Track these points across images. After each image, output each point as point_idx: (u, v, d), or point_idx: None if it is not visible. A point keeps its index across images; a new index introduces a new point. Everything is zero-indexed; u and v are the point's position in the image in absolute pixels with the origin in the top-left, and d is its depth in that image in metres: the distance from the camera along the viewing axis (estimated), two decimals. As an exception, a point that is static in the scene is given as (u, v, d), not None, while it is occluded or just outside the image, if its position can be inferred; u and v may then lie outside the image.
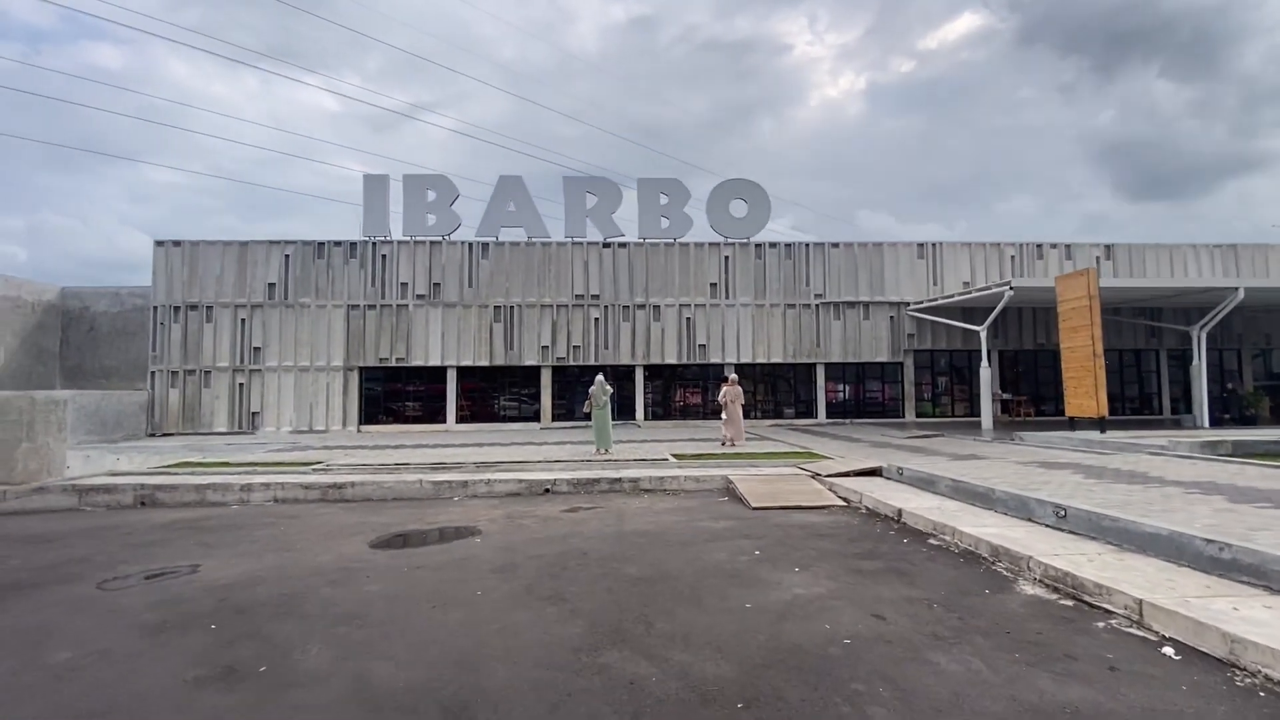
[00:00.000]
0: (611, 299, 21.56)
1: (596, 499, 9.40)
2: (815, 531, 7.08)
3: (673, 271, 21.77)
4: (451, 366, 21.08)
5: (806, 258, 22.23)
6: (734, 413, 14.90)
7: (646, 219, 21.56)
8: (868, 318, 22.21)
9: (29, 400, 10.92)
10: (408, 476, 10.28)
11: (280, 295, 20.90)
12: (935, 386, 22.88)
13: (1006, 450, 12.20)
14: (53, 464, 10.76)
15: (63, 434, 11.14)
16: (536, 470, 10.88)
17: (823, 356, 22.05)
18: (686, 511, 8.40)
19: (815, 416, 22.10)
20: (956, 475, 8.46)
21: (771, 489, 9.28)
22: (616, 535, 7.05)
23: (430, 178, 21.37)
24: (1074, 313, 13.36)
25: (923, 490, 8.53)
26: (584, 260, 21.57)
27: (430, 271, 21.20)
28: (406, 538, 7.26)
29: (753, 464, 11.22)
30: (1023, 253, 22.69)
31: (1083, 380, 13.11)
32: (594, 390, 13.02)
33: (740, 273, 21.94)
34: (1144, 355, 23.43)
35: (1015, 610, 4.57)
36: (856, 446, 13.86)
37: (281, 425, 20.49)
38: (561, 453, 13.21)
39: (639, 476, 10.15)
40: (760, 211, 21.95)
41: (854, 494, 8.69)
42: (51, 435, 10.85)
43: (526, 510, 8.63)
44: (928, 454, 11.91)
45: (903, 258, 22.41)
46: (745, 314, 21.88)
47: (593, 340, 21.39)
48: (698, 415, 21.97)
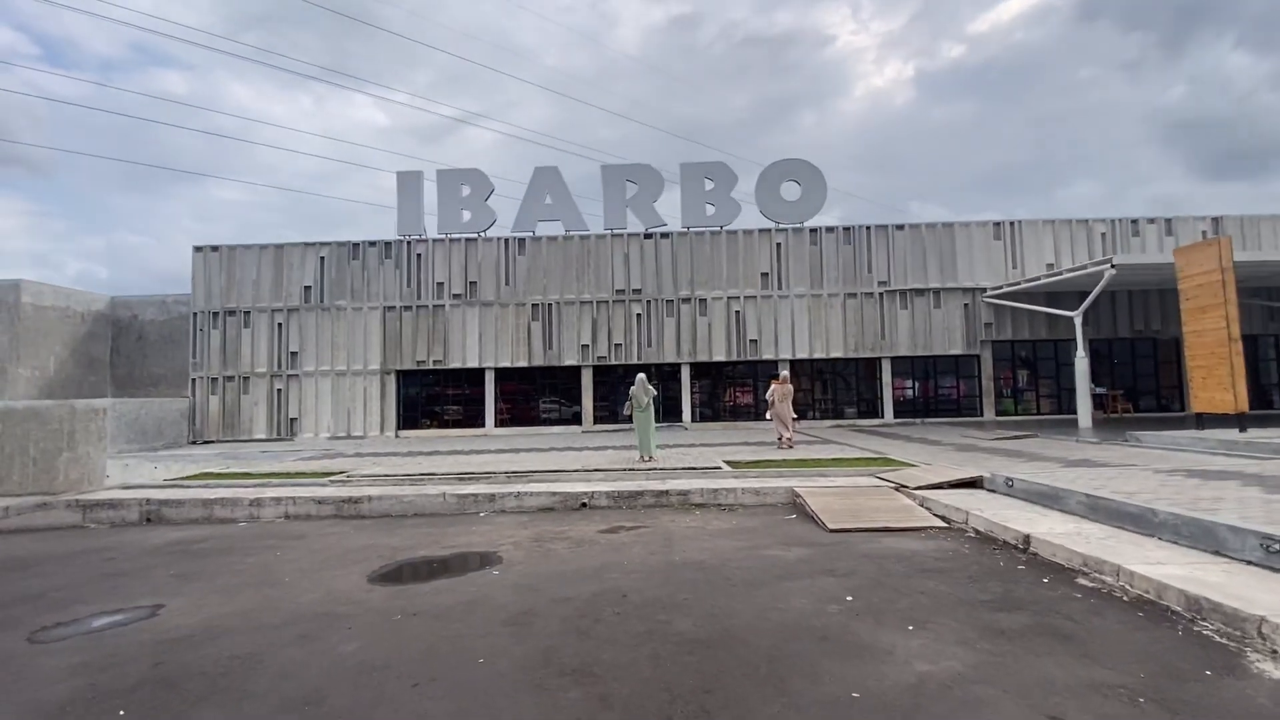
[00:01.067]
0: (654, 293, 20.23)
1: (640, 516, 8.07)
2: (918, 565, 5.54)
3: (720, 262, 20.27)
4: (489, 368, 20.15)
5: (868, 242, 20.36)
6: (782, 411, 13.39)
7: (690, 206, 20.14)
8: (939, 306, 20.15)
9: (69, 409, 10.54)
10: (430, 490, 9.18)
11: (316, 298, 20.43)
12: (1016, 381, 20.61)
13: (1126, 454, 10.25)
14: (93, 473, 10.38)
15: (103, 443, 10.90)
16: (573, 481, 9.63)
17: (888, 350, 20.12)
18: (748, 534, 6.97)
19: (881, 416, 20.19)
20: (1089, 488, 6.74)
21: (850, 505, 7.74)
22: (664, 568, 5.69)
23: (464, 172, 20.53)
24: (1201, 290, 11.25)
25: (1046, 508, 6.85)
26: (624, 253, 20.31)
27: (466, 270, 20.34)
28: (414, 568, 6.09)
29: (821, 473, 9.67)
30: (1114, 229, 20.20)
31: (1215, 370, 11.00)
32: (634, 390, 11.71)
33: (794, 261, 20.25)
34: (1261, 342, 20.53)
35: (1272, 712, 2.99)
36: (938, 451, 12.09)
37: (320, 431, 19.98)
38: (602, 460, 11.94)
39: (689, 489, 8.76)
40: (815, 193, 20.22)
41: (955, 512, 7.08)
42: (92, 444, 10.53)
43: (558, 530, 7.37)
44: (1030, 459, 10.10)
45: (976, 239, 20.26)
46: (800, 306, 20.17)
47: (635, 338, 20.11)
48: (749, 416, 20.38)
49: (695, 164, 20.33)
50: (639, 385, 11.72)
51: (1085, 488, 6.81)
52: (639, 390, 11.66)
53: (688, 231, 20.34)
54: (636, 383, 11.82)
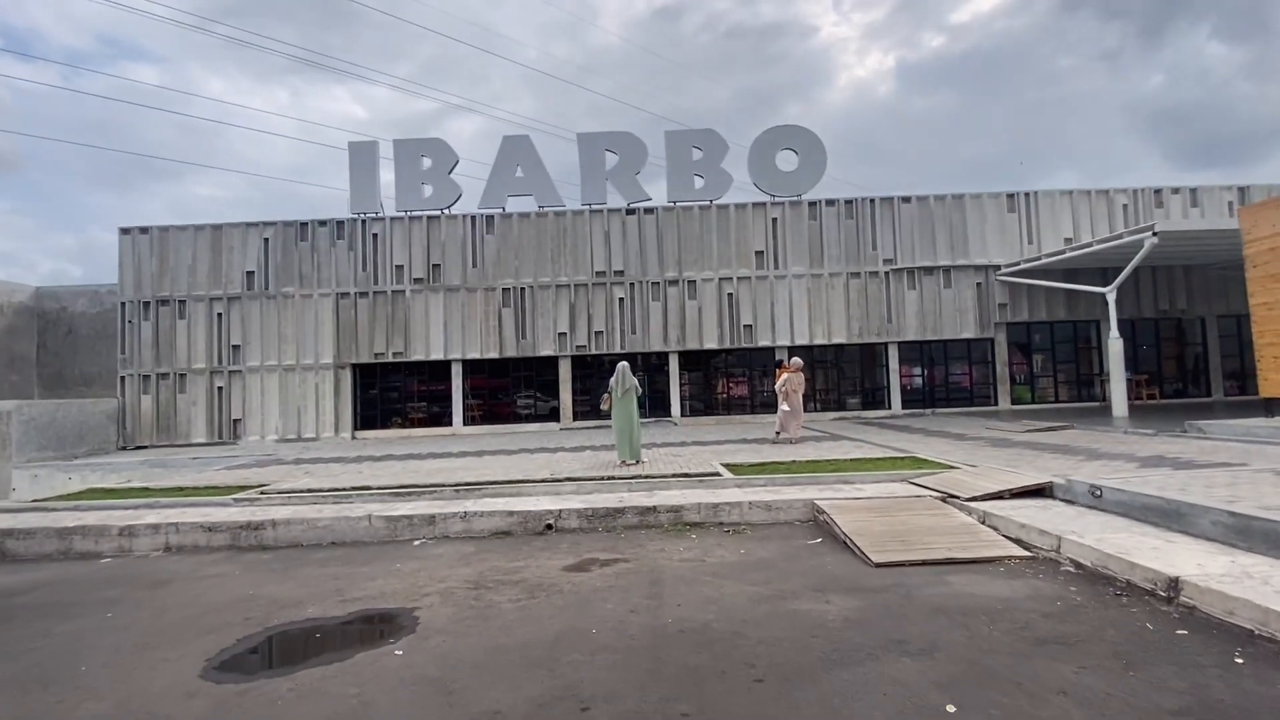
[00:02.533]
0: (639, 275, 18.33)
1: (619, 543, 6.22)
2: (1025, 627, 3.75)
3: (710, 239, 18.40)
4: (456, 360, 18.17)
5: (872, 216, 18.59)
6: (796, 404, 11.69)
7: (677, 179, 18.24)
8: (949, 286, 18.46)
9: (-40, 414, 8.68)
10: (354, 511, 7.26)
11: (260, 285, 18.29)
12: (1032, 366, 19.01)
13: (1202, 449, 8.57)
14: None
15: (7, 450, 9.31)
16: (538, 495, 7.75)
17: (895, 335, 18.41)
18: (765, 571, 5.15)
19: (888, 407, 18.50)
20: (1221, 501, 4.98)
21: (893, 525, 5.94)
22: (651, 642, 3.84)
23: (424, 142, 18.46)
24: (1272, 255, 9.60)
25: (1162, 529, 5.08)
26: (604, 230, 18.37)
27: (429, 251, 18.29)
28: (284, 643, 4.19)
29: (843, 478, 7.88)
30: (1136, 200, 18.60)
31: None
32: (612, 381, 9.90)
33: (792, 237, 18.44)
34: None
35: None
36: (970, 447, 10.36)
37: (266, 433, 17.90)
38: (577, 464, 10.07)
39: (682, 503, 6.92)
40: (814, 164, 18.40)
41: (1037, 534, 5.30)
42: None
43: (509, 568, 5.50)
44: (1089, 456, 8.38)
45: (989, 211, 18.57)
46: (799, 287, 18.38)
47: (618, 324, 18.21)
48: (744, 409, 18.61)
49: (681, 131, 18.43)
50: (617, 374, 9.92)
51: (1214, 500, 5.06)
52: (617, 380, 9.86)
53: (674, 206, 18.44)
54: (616, 372, 10.01)
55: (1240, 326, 18.93)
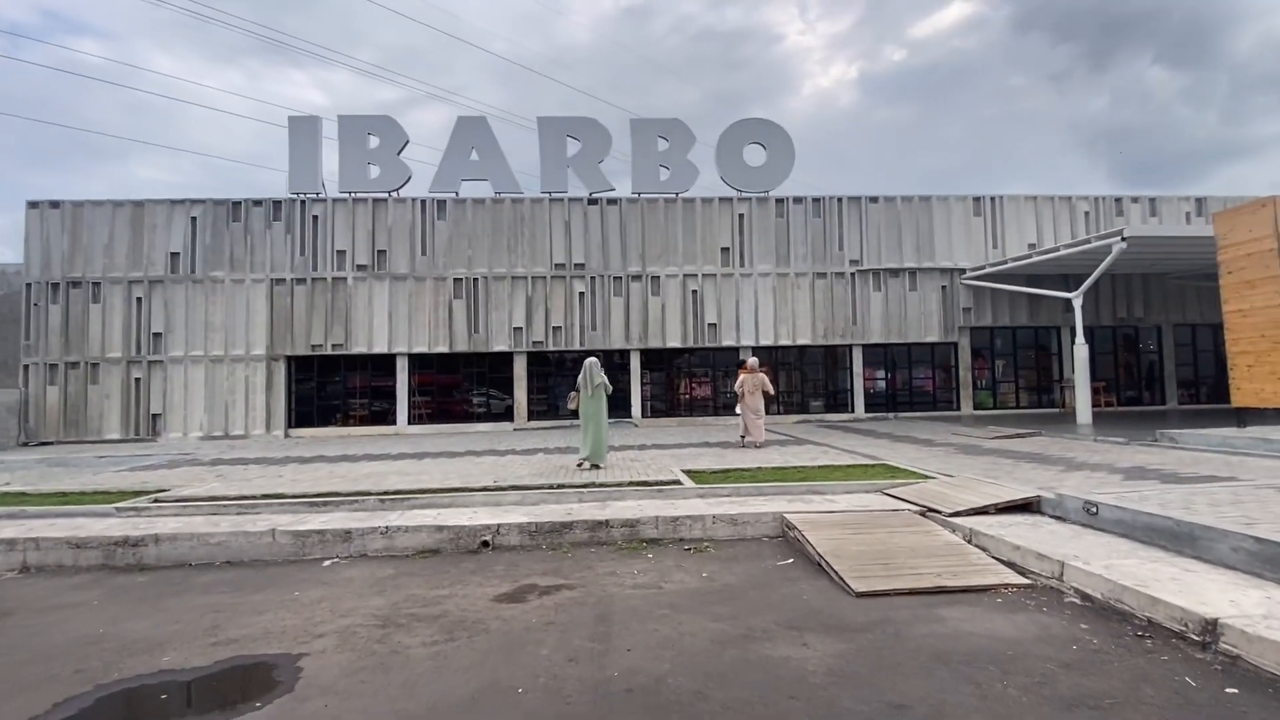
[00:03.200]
0: (600, 268, 17.49)
1: (565, 564, 5.40)
2: (1048, 684, 3.09)
3: (675, 233, 17.71)
4: (402, 354, 17.00)
5: (839, 215, 18.19)
6: (755, 406, 11.10)
7: (642, 169, 17.47)
8: (914, 288, 18.20)
9: None
10: (256, 525, 6.24)
11: (186, 267, 16.76)
12: (994, 371, 18.93)
13: (1182, 459, 8.25)
14: None
15: None
16: (476, 505, 6.86)
17: (859, 337, 18.05)
18: (729, 601, 4.42)
19: (851, 410, 18.13)
20: (1235, 523, 4.48)
21: (871, 544, 5.29)
22: (590, 705, 3.04)
23: (372, 119, 17.23)
24: (1249, 261, 9.42)
25: (1173, 553, 4.54)
26: (565, 220, 17.47)
27: (374, 236, 17.07)
28: (116, 707, 3.24)
29: (812, 488, 7.23)
30: (1097, 207, 18.71)
31: (1266, 356, 9.19)
32: (581, 378, 9.18)
33: (758, 234, 17.89)
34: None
35: None
36: (941, 454, 9.90)
37: (190, 430, 16.40)
38: (527, 468, 9.20)
39: (638, 516, 6.14)
40: (782, 159, 17.90)
41: (1034, 558, 4.71)
42: None
43: (429, 599, 4.63)
44: (1068, 466, 7.96)
45: (956, 214, 18.40)
46: (765, 285, 17.85)
47: (577, 319, 17.34)
48: (707, 410, 17.98)
49: (647, 120, 17.68)
50: (587, 370, 9.23)
51: (1228, 521, 4.55)
52: (586, 376, 9.17)
53: (638, 198, 17.68)
54: (584, 368, 9.31)
55: (1195, 336, 19.27)
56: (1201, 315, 18.84)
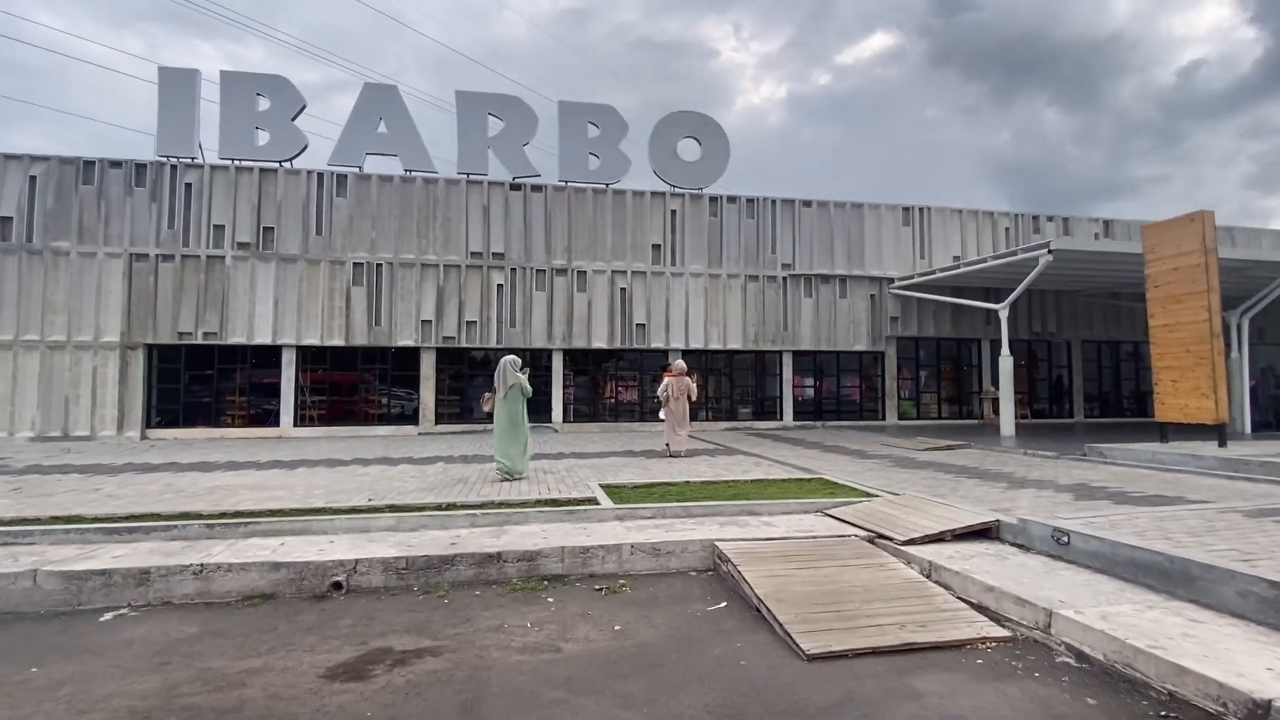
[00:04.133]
0: (521, 260, 16.14)
1: (436, 616, 4.16)
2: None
3: (604, 227, 16.62)
4: (289, 346, 14.98)
5: (773, 218, 17.68)
6: (679, 411, 10.22)
7: (570, 156, 16.30)
8: (844, 296, 17.94)
9: None
10: (16, 563, 4.62)
11: (20, 235, 14.09)
12: (917, 382, 18.98)
13: (1119, 476, 7.93)
14: None
15: None
16: (337, 532, 5.48)
17: (790, 343, 17.59)
18: (646, 673, 3.34)
19: (780, 418, 17.62)
20: (1240, 561, 3.85)
21: (819, 581, 4.37)
22: None
23: (261, 78, 15.18)
24: (1177, 275, 9.38)
25: (1168, 595, 3.85)
26: (483, 205, 16.01)
27: (259, 211, 14.98)
28: None
29: (747, 508, 6.30)
30: (1017, 223, 19.18)
31: (1191, 371, 9.14)
32: (498, 374, 8.05)
33: (691, 233, 17.10)
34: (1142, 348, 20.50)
35: None
36: (877, 467, 9.28)
37: (18, 429, 13.74)
38: (418, 482, 7.82)
39: (540, 547, 4.97)
40: (717, 155, 17.21)
41: (1011, 603, 3.91)
42: None
43: (228, 676, 3.28)
44: (1013, 484, 7.44)
45: (886, 223, 18.31)
46: (696, 286, 17.06)
47: (495, 314, 15.90)
48: (633, 416, 16.98)
49: (577, 103, 16.51)
50: (499, 371, 8.09)
51: (1223, 557, 3.92)
52: (501, 374, 8.05)
53: (565, 186, 16.47)
54: (500, 366, 8.14)
55: (1100, 352, 20.10)
56: (1107, 332, 19.67)
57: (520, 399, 8.12)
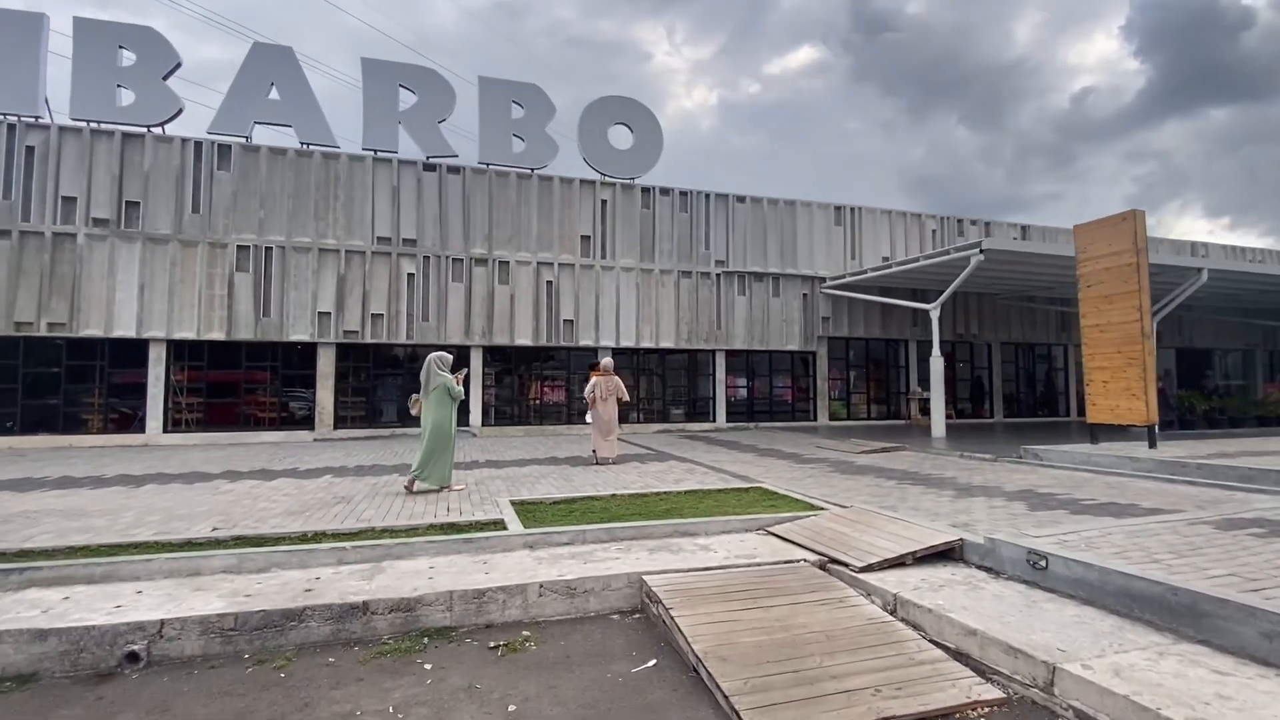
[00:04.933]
0: (436, 247, 14.74)
1: (258, 701, 3.03)
2: None
3: (529, 214, 15.46)
4: (157, 340, 12.97)
5: (706, 212, 17.06)
6: (607, 414, 9.37)
7: (492, 137, 15.05)
8: (777, 294, 17.57)
9: None
10: None
11: None
12: (848, 382, 18.88)
13: (1061, 480, 7.65)
14: None
15: None
16: (148, 579, 4.20)
17: (723, 342, 17.03)
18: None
19: (713, 420, 17.02)
20: (1248, 592, 3.31)
21: (768, 626, 3.55)
22: None
23: (125, 29, 13.09)
24: (1108, 275, 9.32)
25: (1175, 635, 3.26)
26: (393, 185, 14.50)
27: (121, 182, 12.90)
28: None
29: (681, 528, 5.44)
30: (943, 226, 19.47)
31: (1122, 372, 9.09)
32: (423, 373, 7.16)
33: (622, 224, 16.21)
34: (1054, 350, 21.35)
35: None
36: (815, 473, 8.69)
37: None
38: (291, 501, 6.50)
39: (420, 594, 3.91)
40: (649, 145, 16.42)
41: (1000, 651, 3.22)
42: None
43: None
44: (956, 492, 6.97)
45: (818, 222, 18.09)
46: (627, 281, 16.19)
47: (404, 306, 14.43)
48: (559, 418, 15.92)
49: (500, 80, 15.28)
50: (430, 364, 7.16)
51: (1227, 586, 3.39)
52: (428, 371, 7.14)
53: (486, 169, 15.19)
54: (427, 364, 7.20)
55: (1018, 354, 20.73)
56: (1023, 334, 20.30)
57: (447, 401, 7.12)
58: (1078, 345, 21.56)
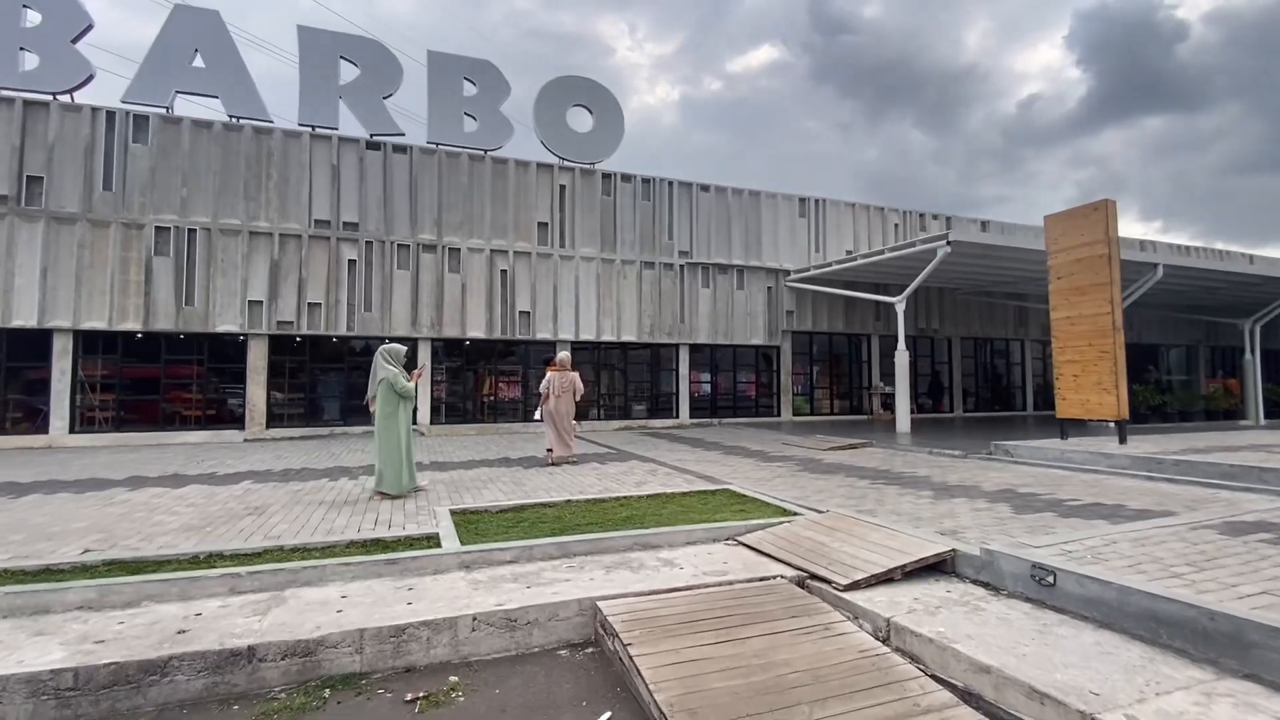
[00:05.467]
0: (380, 231, 13.77)
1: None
2: None
3: (482, 199, 14.61)
4: (62, 330, 11.69)
5: (670, 201, 16.50)
6: (566, 411, 8.76)
7: (442, 115, 14.12)
8: (741, 287, 17.14)
9: None
10: None
11: None
12: (811, 377, 18.62)
13: (1039, 478, 7.35)
14: None
15: None
16: (-19, 619, 3.36)
17: (687, 336, 16.51)
18: None
19: (676, 416, 16.50)
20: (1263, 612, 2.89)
21: (744, 667, 2.98)
22: None
23: (23, -19, 11.71)
24: (1079, 266, 9.11)
25: (1218, 670, 2.82)
26: (332, 164, 13.46)
27: (21, 154, 11.55)
28: None
29: (642, 540, 4.84)
30: (906, 220, 19.39)
31: (1092, 366, 8.90)
32: (377, 361, 6.52)
33: (582, 212, 15.49)
34: (1013, 345, 21.56)
35: None
36: (784, 473, 8.22)
37: None
38: (195, 512, 5.65)
39: (322, 633, 3.19)
40: (610, 127, 15.74)
41: (1020, 694, 2.72)
42: None
43: None
44: (935, 493, 6.57)
45: (783, 213, 17.74)
46: (588, 272, 15.49)
47: (345, 295, 13.43)
48: (514, 415, 15.14)
49: (450, 55, 14.35)
50: (382, 356, 6.57)
51: (1266, 611, 2.97)
52: (378, 364, 6.54)
53: (436, 149, 14.26)
54: (378, 358, 6.60)
55: (976, 349, 20.85)
56: (982, 329, 20.42)
57: (394, 399, 6.43)
58: (1035, 340, 21.95)
